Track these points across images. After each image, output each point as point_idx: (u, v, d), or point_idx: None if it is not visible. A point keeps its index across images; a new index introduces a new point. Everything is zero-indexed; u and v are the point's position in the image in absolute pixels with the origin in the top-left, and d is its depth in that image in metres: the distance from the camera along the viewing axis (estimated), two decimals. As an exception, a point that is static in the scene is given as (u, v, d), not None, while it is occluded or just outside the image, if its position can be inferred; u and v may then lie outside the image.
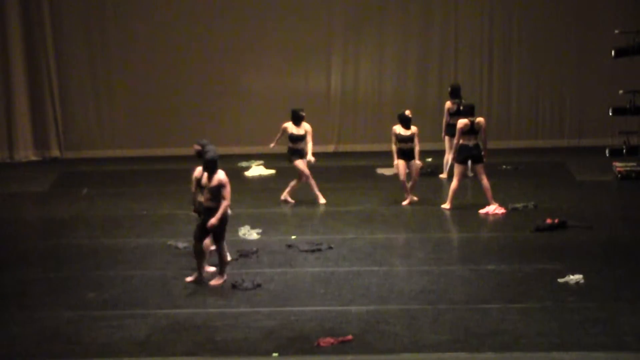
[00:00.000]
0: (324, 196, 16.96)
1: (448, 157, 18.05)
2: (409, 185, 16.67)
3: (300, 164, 16.58)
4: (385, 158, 19.01)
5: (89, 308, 12.11)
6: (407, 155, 16.55)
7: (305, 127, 16.60)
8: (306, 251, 14.20)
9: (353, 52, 21.33)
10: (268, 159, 20.04)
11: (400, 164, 16.52)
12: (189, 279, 12.95)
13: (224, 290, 12.72)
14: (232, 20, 21.13)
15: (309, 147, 16.55)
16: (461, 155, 16.21)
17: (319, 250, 14.24)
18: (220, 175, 12.74)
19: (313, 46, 21.28)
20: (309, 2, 21.24)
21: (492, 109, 21.23)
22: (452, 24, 21.15)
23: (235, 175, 14.37)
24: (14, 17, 20.92)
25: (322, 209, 16.72)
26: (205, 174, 12.75)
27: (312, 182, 16.77)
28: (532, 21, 21.07)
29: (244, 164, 19.87)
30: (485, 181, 16.15)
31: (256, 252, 14.20)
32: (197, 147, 13.17)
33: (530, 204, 16.37)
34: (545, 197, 16.97)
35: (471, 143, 16.14)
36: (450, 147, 17.36)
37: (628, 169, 18.27)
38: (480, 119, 16.19)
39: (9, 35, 20.95)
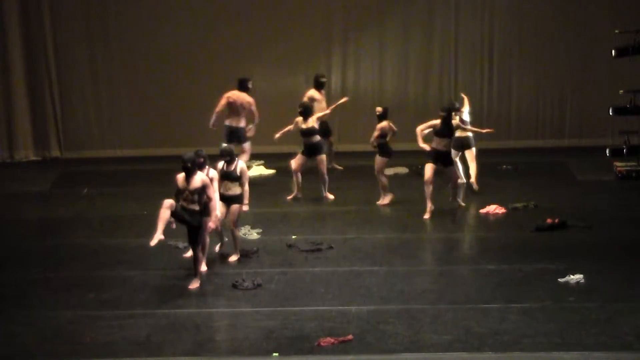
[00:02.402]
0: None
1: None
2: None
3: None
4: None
5: (89, 308, 12.11)
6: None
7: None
8: (306, 251, 14.20)
9: (353, 52, 21.31)
10: (268, 159, 20.04)
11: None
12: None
13: (224, 290, 12.73)
14: (233, 20, 21.10)
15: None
16: (430, 156, 15.84)
17: (319, 250, 14.25)
18: (203, 175, 12.69)
19: (313, 46, 21.26)
20: (309, 2, 21.22)
21: (492, 109, 21.20)
22: (452, 24, 21.11)
23: (236, 175, 14.30)
24: (14, 17, 20.88)
25: (322, 208, 16.72)
26: (183, 176, 12.66)
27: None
28: (532, 21, 21.03)
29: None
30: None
31: (256, 252, 14.21)
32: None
33: (531, 204, 16.37)
34: (545, 197, 16.95)
35: (441, 146, 15.78)
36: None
37: (628, 168, 18.26)
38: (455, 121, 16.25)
39: (9, 35, 20.90)
